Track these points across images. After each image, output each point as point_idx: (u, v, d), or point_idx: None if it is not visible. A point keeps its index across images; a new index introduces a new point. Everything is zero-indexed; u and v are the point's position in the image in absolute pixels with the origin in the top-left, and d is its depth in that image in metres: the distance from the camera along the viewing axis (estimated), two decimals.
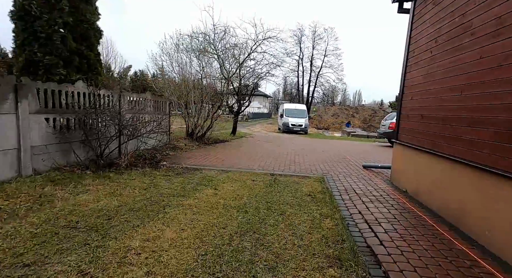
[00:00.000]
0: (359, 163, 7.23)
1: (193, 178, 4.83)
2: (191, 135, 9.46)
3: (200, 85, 9.71)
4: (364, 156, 8.73)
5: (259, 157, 7.33)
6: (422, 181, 3.97)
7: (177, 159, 6.49)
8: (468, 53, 3.03)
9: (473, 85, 2.94)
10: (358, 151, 10.02)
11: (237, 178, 4.99)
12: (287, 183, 4.84)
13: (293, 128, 19.92)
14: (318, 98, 60.24)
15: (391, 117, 12.44)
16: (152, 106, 7.09)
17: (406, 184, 4.49)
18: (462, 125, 3.08)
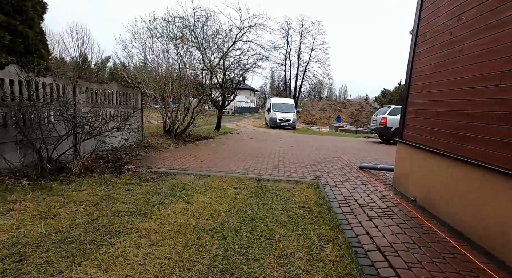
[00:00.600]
0: (353, 162, 6.60)
1: (163, 186, 3.97)
2: (169, 132, 8.50)
3: (178, 76, 8.72)
4: (356, 153, 8.14)
5: (243, 157, 6.53)
6: (436, 189, 3.33)
7: (149, 160, 5.58)
8: (510, 31, 2.34)
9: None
10: (349, 148, 9.45)
11: (217, 184, 4.18)
12: (276, 190, 4.09)
13: (281, 123, 19.24)
14: (305, 92, 59.97)
15: (382, 112, 11.97)
16: (119, 100, 6.08)
17: (414, 191, 3.85)
18: (500, 124, 2.41)
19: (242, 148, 8.10)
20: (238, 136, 11.73)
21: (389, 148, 10.28)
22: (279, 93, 58.08)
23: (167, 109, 8.37)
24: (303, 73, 55.17)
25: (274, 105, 20.41)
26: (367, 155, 7.93)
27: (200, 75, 11.05)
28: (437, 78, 3.42)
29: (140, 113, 7.03)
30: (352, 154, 7.98)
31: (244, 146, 8.48)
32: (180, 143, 8.15)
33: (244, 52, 11.68)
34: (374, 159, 7.23)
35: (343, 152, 8.30)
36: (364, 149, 9.43)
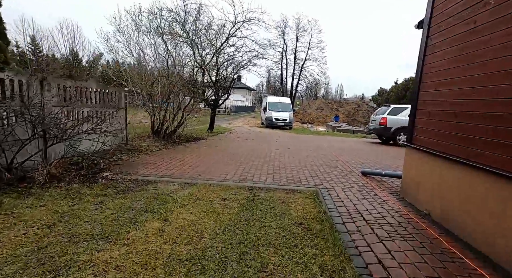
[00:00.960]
0: (354, 166, 6.14)
1: (140, 198, 3.45)
2: (157, 133, 7.95)
3: (167, 73, 8.16)
4: (356, 155, 7.69)
5: (236, 161, 6.02)
6: (455, 203, 2.87)
7: (130, 166, 5.04)
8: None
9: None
10: (347, 149, 9.00)
11: (203, 195, 3.67)
12: (270, 201, 3.60)
13: (277, 123, 18.75)
14: (301, 91, 59.68)
15: (381, 112, 11.55)
16: (98, 98, 5.52)
17: (426, 203, 3.39)
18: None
19: (236, 150, 7.59)
20: (232, 137, 11.21)
21: (388, 149, 9.86)
22: (276, 92, 57.64)
23: (155, 108, 7.81)
24: (299, 72, 54.83)
25: (270, 104, 19.92)
26: (367, 158, 7.48)
27: (191, 72, 10.50)
28: (456, 74, 2.95)
29: (124, 113, 6.47)
30: (351, 156, 7.52)
31: (237, 148, 7.97)
32: (169, 145, 7.60)
33: (238, 48, 11.16)
34: (375, 162, 6.78)
35: (341, 154, 7.84)
36: (363, 150, 8.99)
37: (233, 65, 11.31)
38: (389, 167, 6.31)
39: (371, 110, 37.43)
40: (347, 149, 9.09)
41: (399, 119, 10.66)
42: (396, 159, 7.53)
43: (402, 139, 10.75)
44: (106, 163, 4.85)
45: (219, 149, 7.65)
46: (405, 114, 10.67)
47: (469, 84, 2.76)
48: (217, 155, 6.65)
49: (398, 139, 10.75)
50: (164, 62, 8.19)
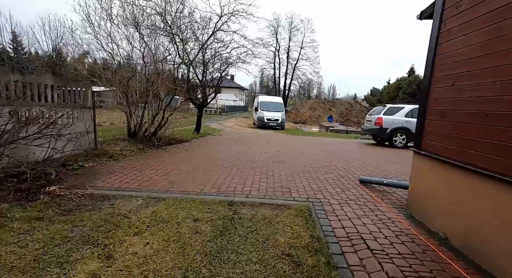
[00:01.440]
0: (350, 172, 5.53)
1: (86, 221, 2.72)
2: (134, 135, 7.17)
3: (145, 69, 7.39)
4: (352, 159, 7.10)
5: (219, 167, 5.32)
6: (486, 230, 2.25)
7: (91, 175, 4.28)
8: None
9: None
10: (342, 152, 8.41)
11: (170, 215, 2.97)
12: (252, 222, 2.93)
13: (269, 123, 18.12)
14: (294, 91, 59.37)
15: (377, 112, 11.03)
16: (56, 96, 4.74)
17: (442, 224, 2.77)
18: None
19: (220, 154, 6.88)
20: (220, 138, 10.49)
21: (385, 151, 9.32)
22: (268, 92, 57.06)
23: (132, 108, 7.03)
24: (292, 71, 54.49)
25: (262, 104, 19.27)
26: (363, 162, 6.89)
27: (174, 69, 9.73)
28: (485, 64, 2.34)
29: (91, 114, 5.68)
30: (347, 160, 6.92)
31: (223, 152, 7.26)
32: (146, 149, 6.84)
33: (226, 44, 10.45)
34: (373, 167, 6.19)
35: (336, 157, 7.23)
36: (358, 153, 8.41)
37: (220, 62, 10.60)
38: (388, 172, 5.73)
39: (364, 110, 37.24)
40: (342, 151, 8.49)
41: (395, 119, 10.15)
42: (394, 163, 6.97)
43: (398, 140, 10.25)
44: (61, 173, 4.09)
45: (202, 153, 6.93)
46: (402, 114, 10.17)
47: (503, 75, 2.15)
48: (198, 160, 5.93)
49: (394, 140, 10.24)
50: (143, 58, 7.42)
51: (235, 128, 17.41)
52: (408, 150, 9.79)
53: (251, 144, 9.36)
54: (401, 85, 40.24)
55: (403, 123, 10.08)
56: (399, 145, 10.21)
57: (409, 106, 10.31)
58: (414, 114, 10.05)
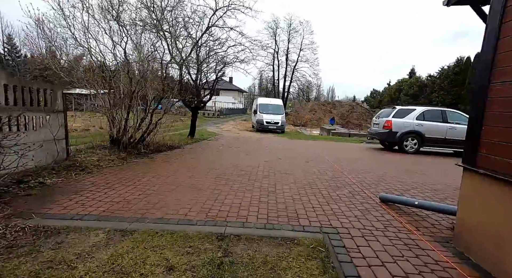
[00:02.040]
0: (365, 185, 4.70)
1: (7, 275, 1.88)
2: (117, 142, 6.33)
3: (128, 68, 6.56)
4: (363, 168, 6.27)
5: (210, 182, 4.48)
6: None
7: (46, 197, 3.43)
8: None
9: None
10: (351, 159, 7.58)
11: (135, 261, 2.13)
12: (248, 268, 2.10)
13: (268, 126, 17.31)
14: (294, 93, 58.78)
15: (385, 114, 10.23)
16: (12, 98, 3.90)
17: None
18: None
19: (213, 164, 6.04)
20: (215, 144, 9.65)
21: (397, 157, 8.51)
22: (267, 94, 56.35)
23: (114, 111, 6.19)
24: (291, 73, 53.94)
25: (261, 106, 18.48)
26: (377, 171, 6.07)
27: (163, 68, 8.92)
28: None
29: (61, 118, 4.84)
30: (357, 169, 6.09)
31: (216, 161, 6.42)
32: (130, 158, 5.99)
33: (222, 42, 9.67)
34: (390, 178, 5.37)
35: (345, 166, 6.41)
36: (368, 160, 7.59)
37: (216, 61, 9.80)
38: (410, 186, 4.90)
39: (365, 112, 36.52)
40: (350, 159, 7.66)
41: (406, 122, 9.35)
42: (412, 173, 6.15)
43: (409, 145, 9.43)
44: (9, 194, 3.24)
45: (193, 163, 6.09)
46: (413, 117, 9.38)
47: None
48: (186, 172, 5.09)
49: (405, 145, 9.42)
50: (125, 55, 6.60)
51: (233, 132, 16.60)
52: (420, 155, 9.00)
53: (249, 150, 8.52)
54: (402, 87, 39.69)
55: (414, 126, 9.28)
56: (410, 150, 9.40)
57: (420, 108, 9.52)
58: (427, 116, 9.28)
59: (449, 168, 7.08)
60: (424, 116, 9.30)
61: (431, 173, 6.22)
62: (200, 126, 19.64)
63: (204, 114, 36.25)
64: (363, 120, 33.39)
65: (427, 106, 9.70)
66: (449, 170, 6.74)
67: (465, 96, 27.25)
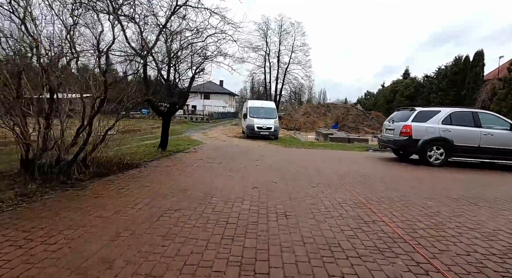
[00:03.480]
0: (415, 238, 2.75)
1: None
2: (30, 165, 4.21)
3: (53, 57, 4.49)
4: (393, 196, 4.34)
5: (157, 245, 2.45)
6: None
7: None
8: None
9: None
10: (367, 178, 5.66)
11: None
12: None
13: (260, 132, 15.34)
14: (286, 96, 57.25)
15: (400, 117, 8.39)
16: None
17: None
18: None
19: (173, 199, 3.98)
20: (192, 158, 7.57)
21: (425, 173, 6.63)
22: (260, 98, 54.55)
23: (22, 118, 4.08)
24: (283, 76, 52.43)
25: (251, 110, 16.51)
26: (426, 206, 4.15)
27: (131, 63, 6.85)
28: None
29: None
30: (391, 198, 4.16)
31: (182, 191, 4.35)
32: (46, 191, 3.87)
33: (200, 29, 7.69)
34: (456, 219, 3.44)
35: (368, 193, 4.47)
36: (392, 179, 5.68)
37: (191, 54, 7.79)
38: (478, 233, 2.98)
39: (360, 114, 35.01)
40: (366, 177, 5.74)
41: (430, 127, 7.54)
42: (472, 206, 4.24)
43: (434, 156, 7.60)
44: None
45: (145, 196, 3.99)
46: (438, 121, 7.57)
47: None
48: (127, 220, 3.03)
49: (429, 156, 7.59)
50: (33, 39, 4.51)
51: (220, 139, 14.54)
52: (453, 169, 7.02)
53: (235, 166, 6.49)
54: (397, 88, 38.59)
55: (440, 132, 7.46)
56: (435, 162, 7.57)
57: (446, 109, 7.74)
58: (455, 120, 7.49)
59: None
60: (452, 119, 7.51)
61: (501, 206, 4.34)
62: (184, 133, 17.51)
63: (192, 119, 34.04)
64: (359, 123, 31.86)
65: (455, 107, 7.90)
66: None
67: (466, 97, 26.06)
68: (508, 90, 20.80)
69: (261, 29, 50.34)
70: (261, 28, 50.40)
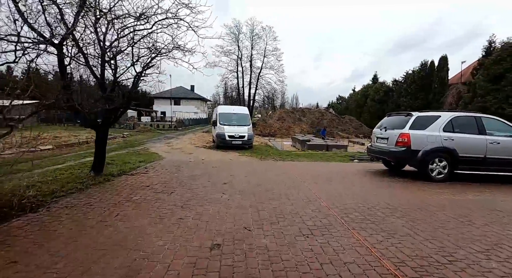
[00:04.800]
0: None
1: None
2: None
3: None
4: (414, 240, 2.87)
5: None
6: None
7: None
8: None
9: None
10: (372, 206, 4.18)
11: None
12: None
13: (232, 141, 13.55)
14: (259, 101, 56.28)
15: (394, 124, 7.16)
16: None
17: None
18: None
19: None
20: (135, 186, 5.55)
21: (435, 194, 5.33)
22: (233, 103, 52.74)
23: None
24: (256, 80, 51.39)
25: (222, 116, 14.69)
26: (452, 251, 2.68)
27: None
28: None
29: None
30: (442, 265, 2.65)
31: (80, 274, 2.46)
32: None
33: (147, 14, 5.82)
34: None
35: (388, 243, 2.95)
36: (406, 212, 4.25)
37: (131, 44, 5.85)
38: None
39: (335, 118, 34.74)
40: (375, 208, 4.23)
41: (430, 136, 6.37)
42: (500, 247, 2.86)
43: (437, 170, 6.42)
44: None
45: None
46: (438, 128, 6.43)
47: None
48: None
49: (430, 170, 6.40)
50: None
51: (186, 151, 12.48)
52: (464, 184, 5.82)
53: (192, 197, 4.64)
54: (368, 92, 39.28)
55: (442, 141, 6.32)
56: (437, 177, 6.39)
57: (447, 114, 6.64)
58: (457, 126, 6.40)
59: None
60: (453, 126, 6.42)
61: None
62: (145, 144, 15.11)
63: (158, 127, 31.11)
64: (333, 127, 31.50)
65: (454, 111, 6.84)
66: None
67: (433, 101, 26.75)
68: (474, 94, 21.40)
69: (233, 33, 49.05)
70: (232, 32, 49.10)
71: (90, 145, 13.69)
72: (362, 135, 29.58)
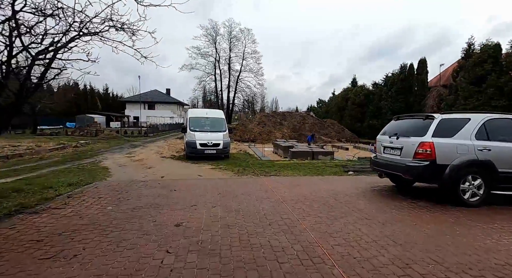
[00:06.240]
0: None
1: None
2: None
3: None
4: None
5: None
6: None
7: None
8: None
9: None
10: (427, 274, 2.38)
11: None
12: None
13: (204, 150, 11.41)
14: (239, 105, 54.45)
15: (410, 129, 5.49)
16: None
17: None
18: None
19: None
20: (25, 240, 3.34)
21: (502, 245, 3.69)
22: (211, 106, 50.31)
23: None
24: (235, 84, 49.62)
25: (193, 121, 12.52)
26: None
27: None
28: None
29: None
30: None
31: None
32: None
33: None
34: None
35: None
36: None
37: (34, 11, 3.71)
38: None
39: (316, 122, 33.63)
40: (419, 270, 2.44)
41: (460, 145, 4.77)
42: None
43: (470, 191, 4.82)
44: None
45: None
46: (469, 134, 4.86)
47: None
48: None
49: (462, 191, 4.80)
50: None
51: (146, 164, 10.15)
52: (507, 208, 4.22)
53: (108, 261, 2.58)
54: (348, 95, 38.88)
55: (476, 152, 4.75)
56: (471, 201, 4.79)
57: (477, 116, 5.09)
58: (492, 131, 4.86)
59: None
60: (488, 131, 4.88)
61: None
62: (101, 154, 12.49)
63: (126, 133, 27.92)
64: (315, 131, 30.34)
65: (486, 112, 5.28)
66: None
67: (414, 104, 26.42)
68: (456, 96, 21.08)
69: (210, 35, 47.07)
70: (209, 34, 47.10)
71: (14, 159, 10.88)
72: (344, 140, 28.64)
